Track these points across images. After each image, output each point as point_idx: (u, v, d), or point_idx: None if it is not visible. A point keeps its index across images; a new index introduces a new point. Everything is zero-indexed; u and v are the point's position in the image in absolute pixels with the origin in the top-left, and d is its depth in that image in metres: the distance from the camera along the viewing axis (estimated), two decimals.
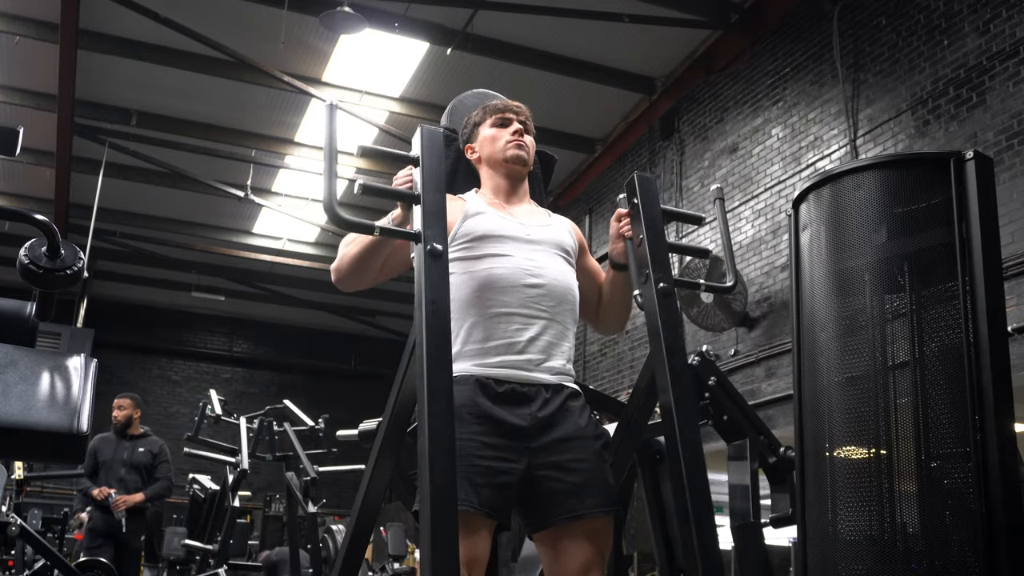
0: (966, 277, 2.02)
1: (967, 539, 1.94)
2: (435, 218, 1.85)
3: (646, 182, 2.18)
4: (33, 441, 1.80)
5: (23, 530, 4.07)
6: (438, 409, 1.70)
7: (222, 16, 8.28)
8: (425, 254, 1.82)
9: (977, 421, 1.95)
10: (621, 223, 2.24)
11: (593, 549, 2.05)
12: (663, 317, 2.02)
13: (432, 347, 1.74)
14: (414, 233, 1.87)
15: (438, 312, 1.79)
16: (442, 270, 1.83)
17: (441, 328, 1.77)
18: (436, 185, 1.88)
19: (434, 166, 1.90)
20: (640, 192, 2.15)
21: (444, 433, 1.69)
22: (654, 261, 2.07)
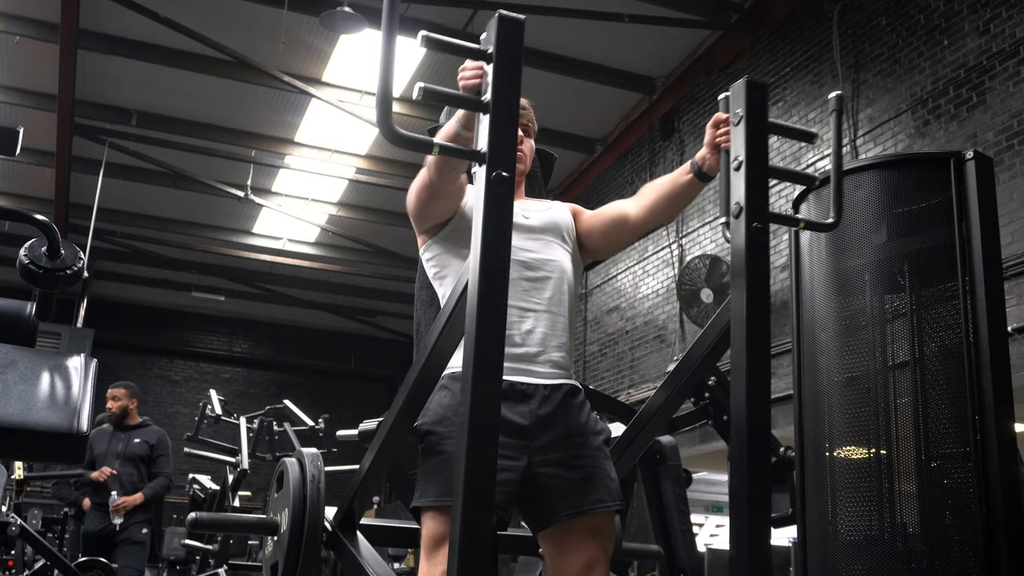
0: (966, 277, 2.03)
1: (967, 539, 1.94)
2: (506, 133, 1.51)
3: (755, 90, 1.78)
4: (33, 441, 1.80)
5: (23, 530, 4.07)
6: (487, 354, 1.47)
7: (222, 16, 8.27)
8: (489, 181, 1.50)
9: (977, 421, 1.95)
10: (719, 131, 1.97)
11: (596, 546, 2.04)
12: (752, 260, 1.69)
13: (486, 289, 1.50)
14: (478, 152, 1.52)
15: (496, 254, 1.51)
16: (508, 201, 1.51)
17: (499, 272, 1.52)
18: (511, 90, 1.52)
19: (511, 63, 1.53)
20: (746, 101, 1.76)
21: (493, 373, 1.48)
22: (751, 194, 1.72)
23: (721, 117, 1.96)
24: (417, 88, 1.48)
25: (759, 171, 1.74)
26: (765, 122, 1.77)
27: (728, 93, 1.85)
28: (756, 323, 1.68)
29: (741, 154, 1.74)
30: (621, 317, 9.70)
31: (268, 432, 6.74)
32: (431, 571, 1.94)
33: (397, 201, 10.55)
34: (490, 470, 1.46)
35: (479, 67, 1.61)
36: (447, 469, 1.95)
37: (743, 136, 1.75)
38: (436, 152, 1.60)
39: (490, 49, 1.55)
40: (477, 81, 1.62)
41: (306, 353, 16.20)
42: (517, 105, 1.56)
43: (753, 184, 1.72)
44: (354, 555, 2.23)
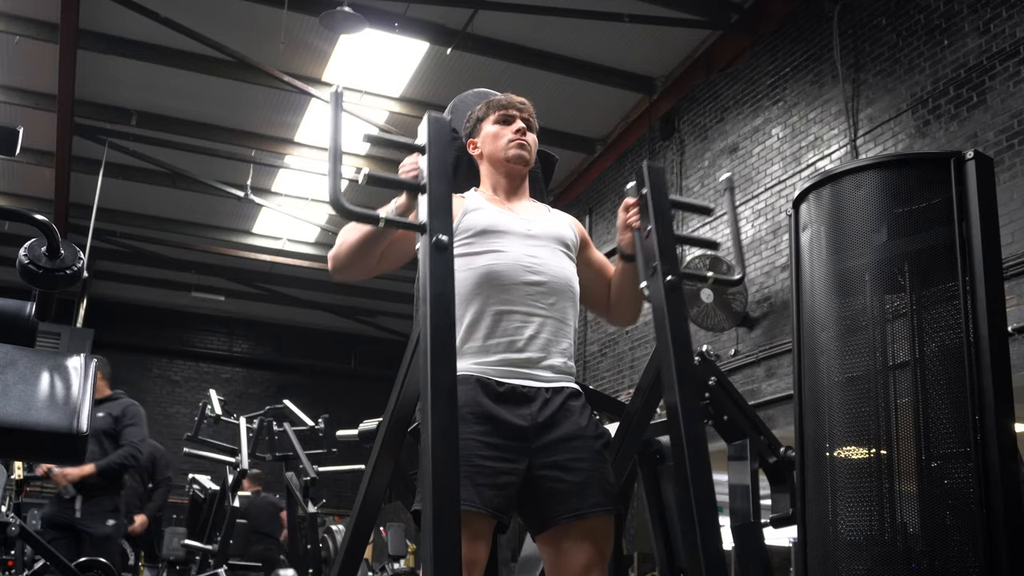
0: (966, 277, 2.02)
1: (967, 539, 1.94)
2: (441, 209, 1.78)
3: (655, 172, 2.12)
4: (33, 441, 1.79)
5: (23, 530, 4.07)
6: (442, 406, 1.67)
7: (222, 16, 8.27)
8: (430, 246, 1.75)
9: (977, 421, 1.95)
10: (629, 213, 2.18)
11: (594, 549, 2.05)
12: (670, 310, 1.97)
13: (436, 343, 1.70)
14: (419, 224, 1.79)
15: (442, 306, 1.73)
16: (447, 263, 1.76)
17: (446, 324, 1.73)
18: (443, 175, 1.81)
19: (440, 155, 1.83)
20: (649, 182, 2.10)
21: (448, 431, 1.66)
22: (662, 253, 2.01)
23: (629, 202, 2.18)
24: (362, 176, 1.78)
25: (667, 236, 2.05)
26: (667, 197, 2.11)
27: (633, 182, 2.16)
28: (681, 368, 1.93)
29: (651, 224, 2.05)
30: None
31: (268, 432, 6.74)
32: None
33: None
34: (454, 489, 1.65)
35: (415, 162, 1.91)
36: None
37: (650, 210, 2.07)
38: (382, 224, 1.83)
39: (424, 142, 1.84)
40: (415, 172, 1.90)
41: (306, 353, 16.20)
42: (450, 187, 1.82)
43: (664, 246, 2.03)
44: None
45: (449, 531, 1.59)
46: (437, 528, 1.58)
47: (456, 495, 1.63)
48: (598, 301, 2.40)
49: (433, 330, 1.70)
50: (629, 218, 2.17)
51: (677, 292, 1.98)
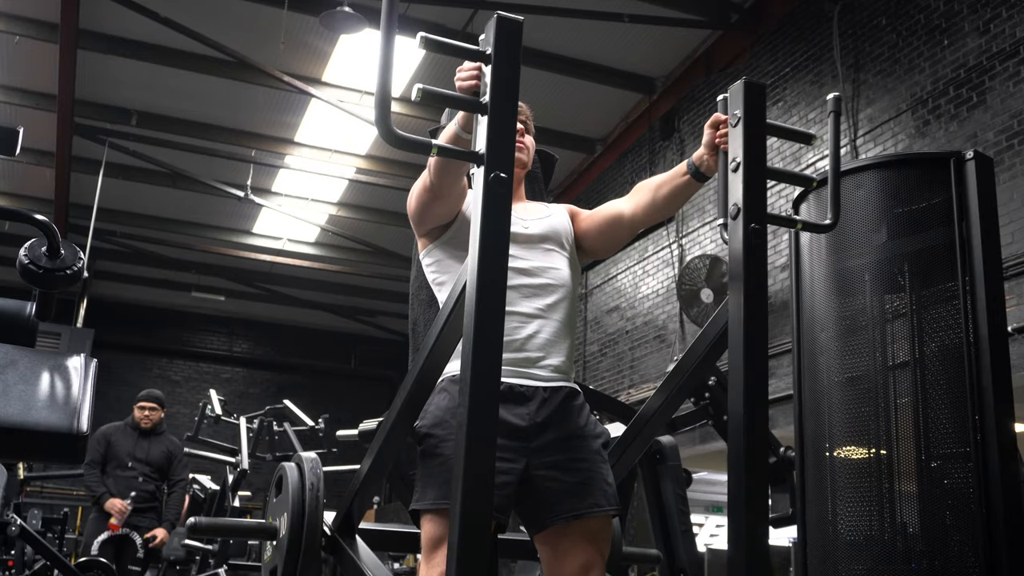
0: (966, 277, 2.03)
1: (967, 539, 1.94)
2: (505, 136, 1.51)
3: (753, 91, 1.78)
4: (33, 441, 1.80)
5: (23, 530, 4.07)
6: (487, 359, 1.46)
7: (222, 16, 8.27)
8: (487, 183, 1.50)
9: (977, 421, 1.95)
10: (718, 131, 1.97)
11: (592, 549, 2.04)
12: (751, 260, 1.69)
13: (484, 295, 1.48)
14: (476, 154, 1.52)
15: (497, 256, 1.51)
16: (505, 203, 1.52)
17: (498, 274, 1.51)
18: (510, 92, 1.52)
19: (510, 65, 1.54)
20: (745, 103, 1.77)
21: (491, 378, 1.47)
22: (749, 196, 1.71)
23: (720, 118, 1.95)
24: (416, 89, 1.47)
25: (757, 173, 1.73)
26: (763, 124, 1.77)
27: (727, 94, 1.84)
28: (754, 324, 1.67)
29: (739, 155, 1.74)
30: (621, 317, 9.70)
31: (268, 432, 6.74)
32: (429, 573, 1.94)
33: (397, 201, 10.55)
34: (488, 473, 1.46)
35: (477, 68, 1.61)
36: (446, 472, 1.94)
37: (741, 137, 1.74)
38: (435, 153, 1.59)
39: (488, 50, 1.54)
40: (475, 83, 1.61)
41: (306, 353, 16.19)
42: (515, 107, 1.55)
43: (751, 186, 1.72)
44: (353, 559, 2.23)
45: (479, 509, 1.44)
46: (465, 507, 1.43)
47: (492, 449, 1.47)
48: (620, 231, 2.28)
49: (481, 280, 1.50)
50: (718, 136, 1.97)
51: (761, 241, 1.70)
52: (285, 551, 2.26)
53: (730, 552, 1.62)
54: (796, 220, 1.96)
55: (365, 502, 2.32)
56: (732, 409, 1.67)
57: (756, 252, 1.69)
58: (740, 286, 1.69)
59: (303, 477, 2.33)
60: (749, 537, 1.59)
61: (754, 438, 1.63)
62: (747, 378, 1.64)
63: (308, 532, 2.26)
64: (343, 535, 2.31)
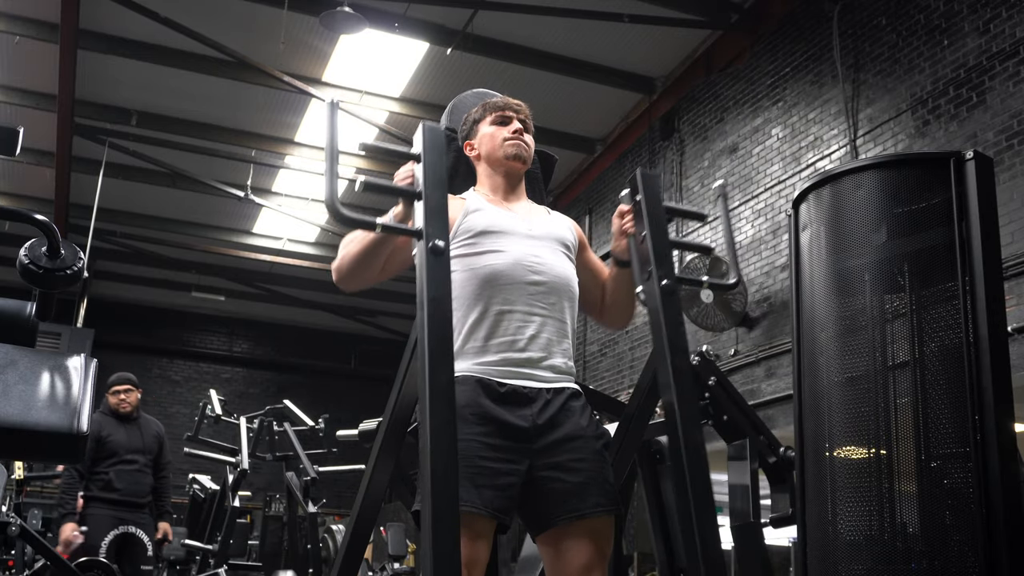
0: (966, 277, 2.03)
1: (967, 539, 1.94)
2: (437, 214, 1.82)
3: (649, 178, 2.14)
4: (33, 441, 1.80)
5: (23, 530, 4.07)
6: (440, 408, 1.69)
7: (222, 16, 8.27)
8: (427, 251, 1.78)
9: (977, 421, 1.95)
10: (624, 219, 2.19)
11: (594, 549, 2.05)
12: (666, 314, 1.99)
13: (434, 346, 1.73)
14: (416, 230, 1.83)
15: (440, 310, 1.77)
16: (444, 267, 1.80)
17: (442, 327, 1.76)
18: (438, 181, 1.86)
19: (435, 162, 1.88)
20: (643, 188, 2.12)
21: (445, 432, 1.68)
22: (657, 257, 2.03)
23: (623, 208, 2.19)
24: (359, 183, 1.81)
25: (662, 241, 2.07)
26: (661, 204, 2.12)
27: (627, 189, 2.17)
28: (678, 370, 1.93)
29: (645, 229, 2.07)
30: None
31: (268, 432, 6.74)
32: None
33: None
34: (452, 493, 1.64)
35: (411, 170, 1.93)
36: None
37: (644, 216, 2.09)
38: (379, 231, 1.86)
39: (419, 150, 1.87)
40: (410, 179, 1.92)
41: (306, 353, 16.20)
42: (445, 193, 1.84)
43: (659, 250, 2.04)
44: None
45: (448, 531, 1.59)
46: (436, 528, 1.59)
47: (455, 496, 1.64)
48: (592, 304, 2.41)
49: (430, 333, 1.73)
50: (624, 224, 2.19)
51: (673, 296, 2.01)
52: None
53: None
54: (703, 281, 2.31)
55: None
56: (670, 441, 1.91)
57: (672, 305, 2.00)
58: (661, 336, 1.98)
59: None
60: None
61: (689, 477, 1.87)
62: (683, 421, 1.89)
63: None
64: None
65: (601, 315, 2.42)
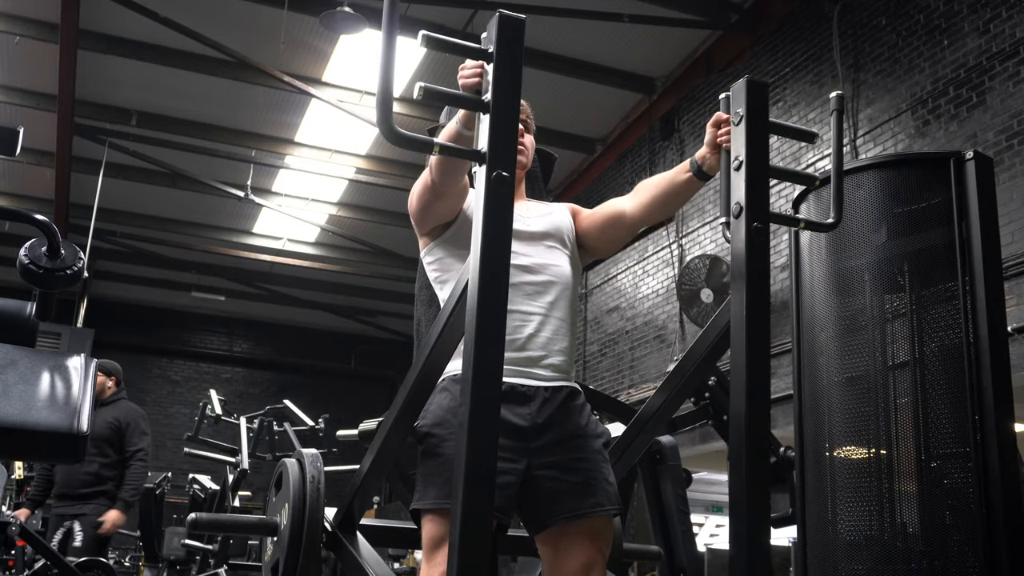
0: (966, 277, 2.03)
1: (967, 539, 1.94)
2: (507, 134, 1.51)
3: (756, 89, 1.79)
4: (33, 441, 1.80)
5: (23, 530, 4.07)
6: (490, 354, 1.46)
7: (222, 16, 8.27)
8: (490, 181, 1.49)
9: (977, 421, 1.95)
10: (720, 130, 1.96)
11: (594, 549, 2.04)
12: (753, 259, 1.69)
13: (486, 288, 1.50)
14: (478, 152, 1.52)
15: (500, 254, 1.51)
16: (508, 201, 1.51)
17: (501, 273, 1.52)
18: (512, 89, 1.52)
19: (512, 63, 1.53)
20: (747, 102, 1.77)
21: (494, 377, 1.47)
22: (752, 194, 1.72)
23: (722, 117, 1.95)
24: (417, 88, 1.48)
25: (760, 171, 1.73)
26: (766, 122, 1.77)
27: (728, 93, 1.84)
28: (756, 323, 1.67)
29: (742, 154, 1.74)
30: (621, 317, 9.70)
31: (268, 432, 6.74)
32: (430, 572, 1.94)
33: (397, 201, 10.55)
34: (489, 473, 1.46)
35: (479, 66, 1.61)
36: (446, 471, 1.94)
37: (744, 136, 1.74)
38: (436, 152, 1.59)
39: (491, 48, 1.54)
40: (477, 80, 1.62)
41: (306, 353, 16.19)
42: (518, 105, 1.54)
43: (754, 184, 1.72)
44: (354, 555, 2.23)
45: (480, 510, 1.44)
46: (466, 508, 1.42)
47: (493, 449, 1.47)
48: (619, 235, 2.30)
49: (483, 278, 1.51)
50: (720, 136, 1.96)
51: (763, 240, 1.71)
52: (286, 545, 2.25)
53: (732, 552, 1.62)
54: (799, 219, 1.96)
55: (366, 500, 2.32)
56: (734, 409, 1.67)
57: (759, 251, 1.70)
58: (743, 284, 1.69)
59: (303, 472, 2.33)
60: (751, 537, 1.59)
61: (756, 438, 1.63)
62: (749, 377, 1.64)
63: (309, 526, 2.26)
64: (344, 531, 2.30)
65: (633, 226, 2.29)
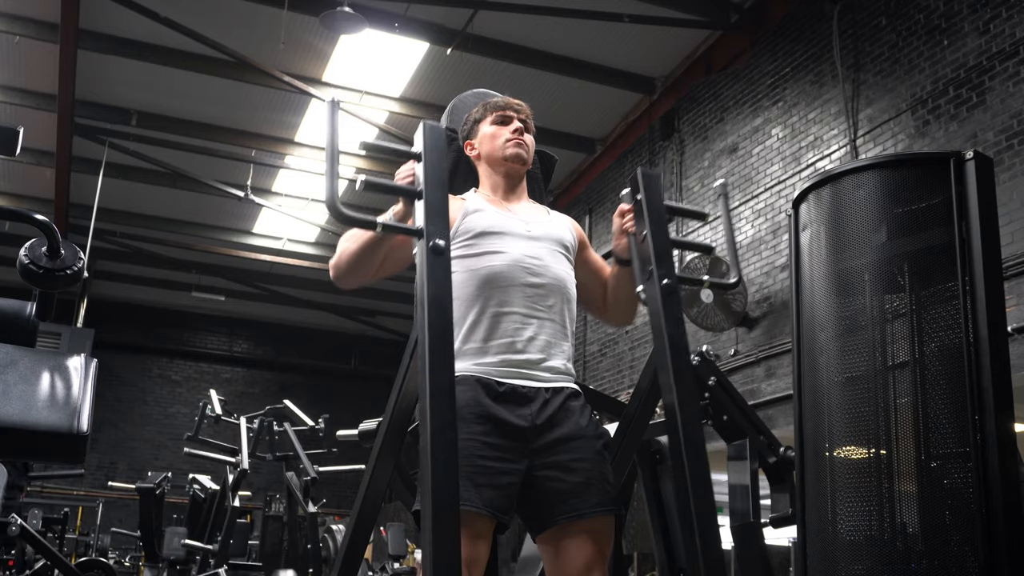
0: (966, 277, 2.02)
1: (967, 539, 1.94)
2: (437, 214, 1.82)
3: (649, 177, 2.13)
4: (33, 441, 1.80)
5: (23, 530, 4.07)
6: (440, 407, 1.68)
7: (222, 16, 8.28)
8: (427, 250, 1.77)
9: (977, 421, 1.95)
10: (624, 219, 2.18)
11: (594, 549, 2.05)
12: (666, 314, 1.98)
13: (434, 345, 1.73)
14: (416, 229, 1.82)
15: (440, 310, 1.76)
16: (444, 267, 1.79)
17: (443, 326, 1.76)
18: (438, 181, 1.85)
19: (436, 161, 1.87)
20: (644, 187, 2.10)
21: (446, 432, 1.68)
22: (658, 257, 2.02)
23: (624, 208, 2.17)
24: (359, 182, 1.80)
25: (663, 240, 2.06)
26: (662, 202, 2.11)
27: (628, 188, 2.16)
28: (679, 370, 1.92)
29: (646, 228, 2.06)
30: None
31: (268, 432, 6.74)
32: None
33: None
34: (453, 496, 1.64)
35: (411, 170, 1.94)
36: None
37: (645, 215, 2.07)
38: (379, 230, 1.85)
39: (420, 149, 1.87)
40: (411, 179, 1.93)
41: (306, 353, 16.20)
42: (446, 193, 1.84)
43: (659, 249, 2.03)
44: None
45: (449, 531, 1.59)
46: (436, 529, 1.59)
47: (455, 498, 1.64)
48: (594, 302, 2.42)
49: (431, 333, 1.73)
50: (625, 223, 2.17)
51: (674, 296, 2.00)
52: None
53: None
54: (703, 280, 2.33)
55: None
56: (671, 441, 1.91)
57: (672, 305, 1.99)
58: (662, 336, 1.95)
59: None
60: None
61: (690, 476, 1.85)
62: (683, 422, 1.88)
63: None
64: None
65: (603, 312, 2.44)
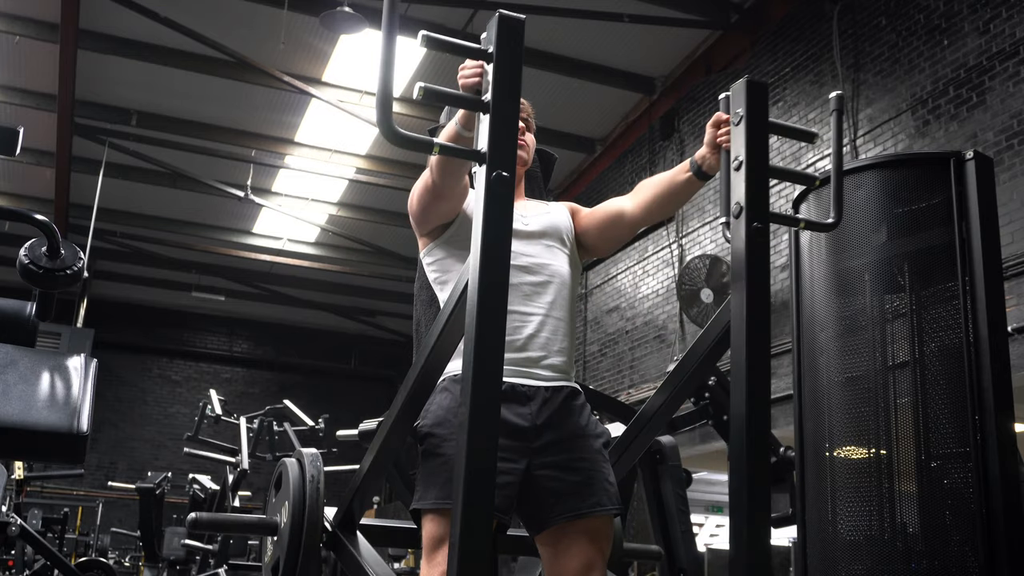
0: (966, 277, 2.03)
1: (967, 539, 1.94)
2: (507, 134, 1.49)
3: (756, 90, 1.77)
4: (33, 441, 1.80)
5: (23, 530, 4.07)
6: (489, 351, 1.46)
7: (222, 16, 8.28)
8: (490, 181, 1.48)
9: (977, 421, 1.95)
10: (720, 130, 1.96)
11: (594, 549, 2.04)
12: (752, 259, 1.68)
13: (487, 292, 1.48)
14: (478, 152, 1.51)
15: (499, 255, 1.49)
16: (507, 202, 1.50)
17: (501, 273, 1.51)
18: (511, 90, 1.51)
19: (511, 63, 1.52)
20: (747, 102, 1.75)
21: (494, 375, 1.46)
22: (752, 194, 1.70)
23: (722, 117, 1.95)
24: (417, 88, 1.47)
25: (759, 171, 1.72)
26: (766, 122, 1.76)
27: (728, 93, 1.84)
28: (756, 323, 1.67)
29: (741, 154, 1.73)
30: (621, 317, 9.70)
31: (268, 432, 6.75)
32: (431, 572, 1.94)
33: (397, 201, 10.55)
34: (489, 473, 1.46)
35: (479, 66, 1.61)
36: (447, 471, 1.94)
37: (743, 136, 1.73)
38: (436, 152, 1.58)
39: (490, 48, 1.53)
40: (477, 80, 1.62)
41: (306, 353, 16.20)
42: (517, 106, 1.54)
43: (753, 184, 1.71)
44: (354, 555, 2.22)
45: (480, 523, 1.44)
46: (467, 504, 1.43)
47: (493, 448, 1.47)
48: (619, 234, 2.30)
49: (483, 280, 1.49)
50: (720, 136, 1.96)
51: (764, 240, 1.70)
52: (286, 545, 2.25)
53: (731, 552, 1.62)
54: (799, 219, 1.95)
55: (366, 499, 2.31)
56: (734, 409, 1.66)
57: (759, 250, 1.69)
58: (743, 284, 1.68)
59: (303, 472, 2.33)
60: (751, 538, 1.59)
61: (756, 437, 1.63)
62: (750, 377, 1.64)
63: (309, 525, 2.25)
64: (344, 531, 2.30)
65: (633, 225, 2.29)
